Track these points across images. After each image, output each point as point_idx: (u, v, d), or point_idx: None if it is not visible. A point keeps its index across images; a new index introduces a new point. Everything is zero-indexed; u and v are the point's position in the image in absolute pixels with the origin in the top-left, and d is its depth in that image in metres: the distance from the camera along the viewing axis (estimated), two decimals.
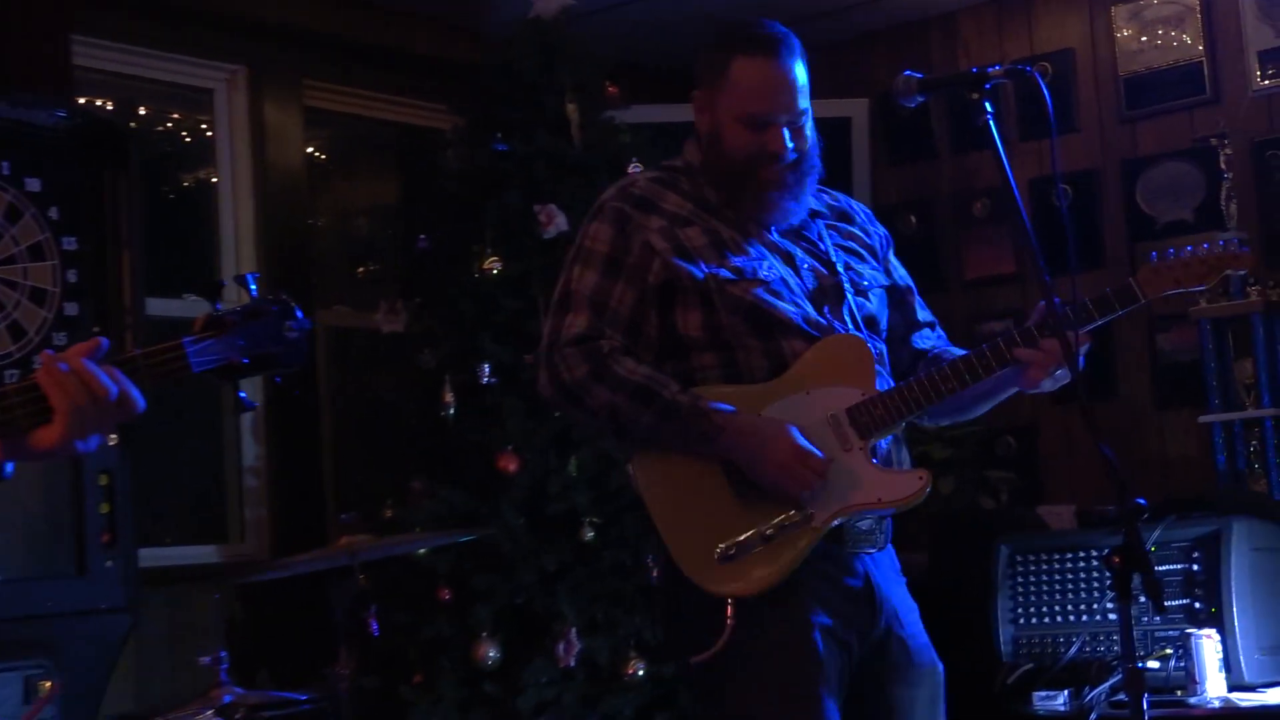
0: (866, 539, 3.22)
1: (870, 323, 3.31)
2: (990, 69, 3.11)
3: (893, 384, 3.25)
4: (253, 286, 2.40)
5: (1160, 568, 5.02)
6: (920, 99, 3.23)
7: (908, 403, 3.17)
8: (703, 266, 3.19)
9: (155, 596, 5.42)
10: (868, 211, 3.50)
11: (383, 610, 5.11)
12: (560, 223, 5.62)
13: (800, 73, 3.24)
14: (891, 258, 3.47)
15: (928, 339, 3.44)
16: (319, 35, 6.33)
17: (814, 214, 3.37)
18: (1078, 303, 3.17)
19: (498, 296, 5.61)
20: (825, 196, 3.43)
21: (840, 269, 3.31)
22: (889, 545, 3.30)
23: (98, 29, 5.70)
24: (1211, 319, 6.09)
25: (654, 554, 3.31)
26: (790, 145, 3.22)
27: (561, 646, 5.23)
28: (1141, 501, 2.82)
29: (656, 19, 6.81)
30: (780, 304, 3.18)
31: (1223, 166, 6.18)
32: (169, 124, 6.33)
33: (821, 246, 3.32)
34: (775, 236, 3.30)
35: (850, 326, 3.26)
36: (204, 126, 6.25)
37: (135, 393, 2.25)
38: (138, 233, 5.04)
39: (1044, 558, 5.36)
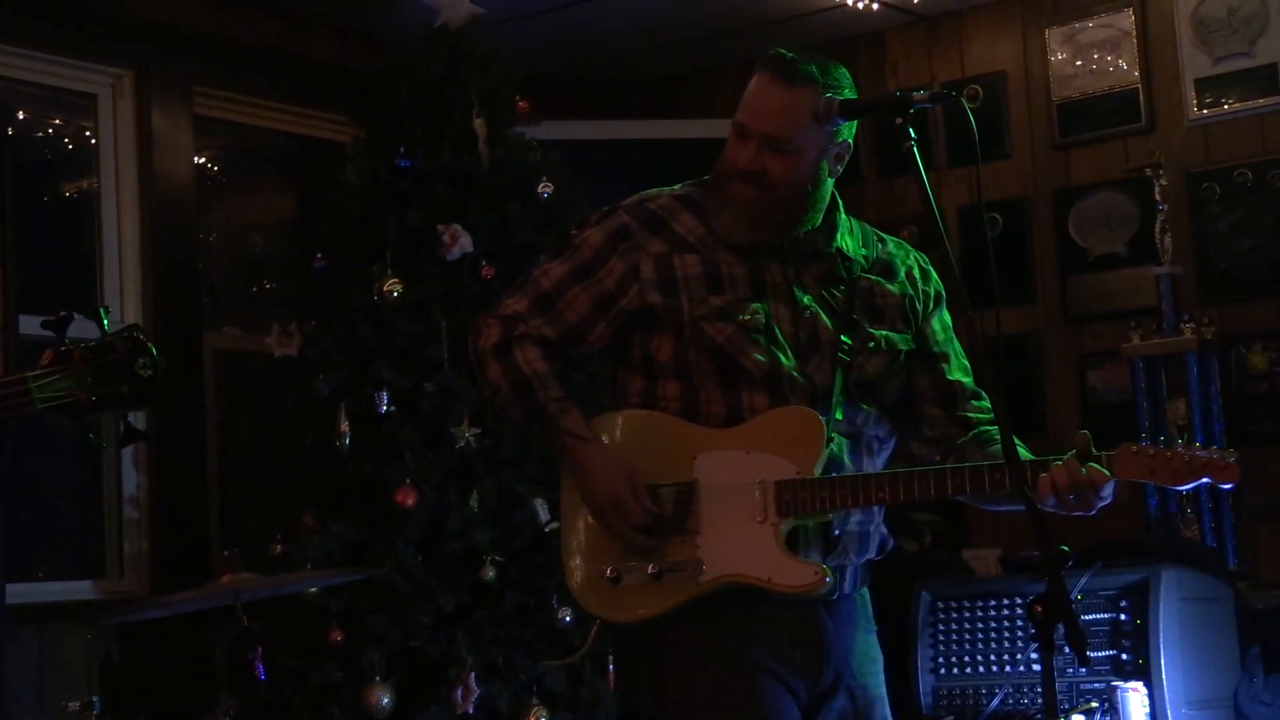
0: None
1: (863, 387, 3.30)
2: (915, 93, 3.13)
3: (857, 465, 3.27)
4: (105, 321, 2.39)
5: (1086, 617, 5.08)
6: (841, 123, 3.25)
7: (834, 497, 3.19)
8: (684, 300, 3.27)
9: (23, 635, 5.37)
10: (923, 265, 3.46)
11: (269, 653, 5.06)
12: (464, 243, 5.61)
13: (796, 102, 3.22)
14: (935, 319, 3.43)
15: (973, 408, 3.40)
16: (211, 39, 6.30)
17: (844, 257, 3.34)
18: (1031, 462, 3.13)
19: (397, 320, 5.59)
20: (881, 245, 3.43)
21: (844, 326, 3.30)
22: (856, 591, 3.33)
23: None
24: (1144, 357, 6.17)
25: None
26: (751, 161, 3.22)
27: (459, 693, 5.21)
28: (1065, 548, 2.84)
29: (570, 30, 6.83)
30: (752, 354, 3.23)
31: (1158, 198, 6.26)
32: (49, 130, 6.28)
33: (837, 297, 3.32)
34: (794, 272, 3.30)
35: (837, 386, 3.27)
36: (87, 133, 6.20)
37: None
38: (11, 245, 4.99)
39: (966, 604, 5.40)
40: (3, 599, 4.85)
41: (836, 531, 3.24)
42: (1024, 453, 3.15)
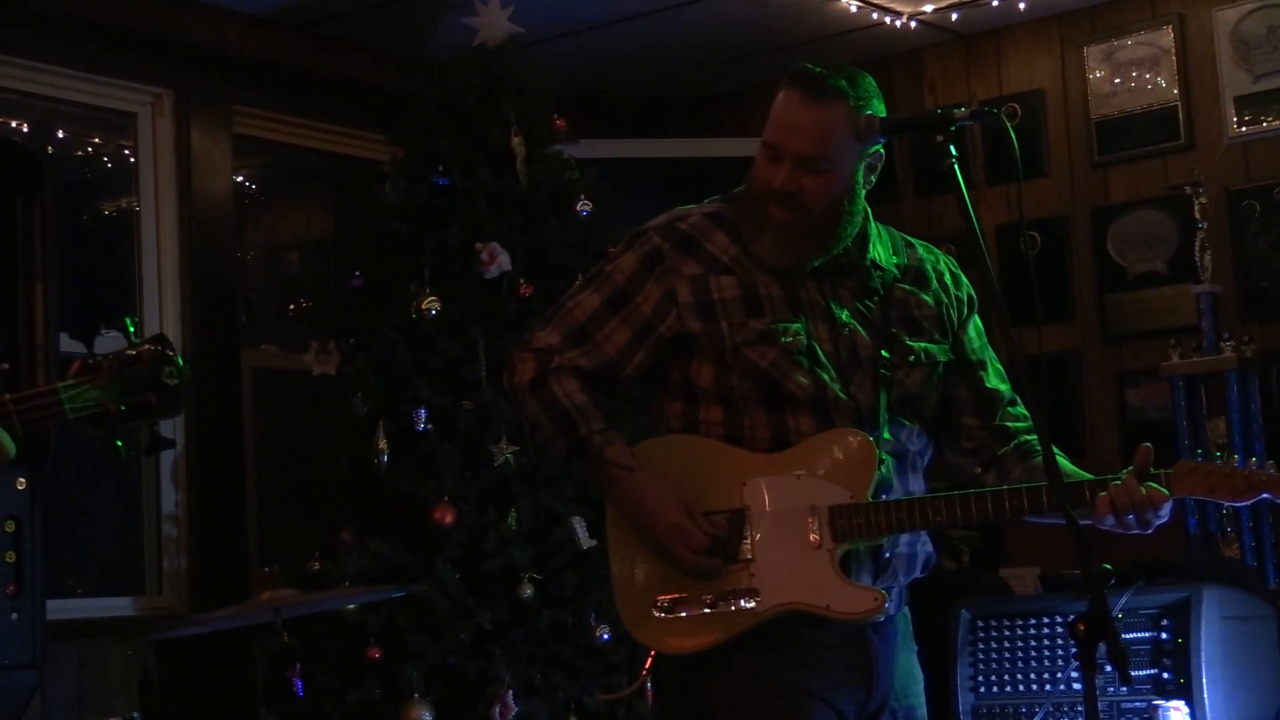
0: None
1: (905, 402, 3.28)
2: (956, 110, 3.12)
3: (905, 485, 3.25)
4: (130, 330, 2.41)
5: (1127, 636, 5.05)
6: (882, 140, 3.25)
7: (891, 522, 3.16)
8: (724, 325, 3.22)
9: (64, 652, 5.38)
10: (954, 270, 3.44)
11: (308, 670, 5.09)
12: (503, 261, 5.63)
13: (828, 119, 3.18)
14: (971, 325, 3.41)
15: (1010, 417, 3.39)
16: (250, 59, 6.33)
17: (879, 270, 3.31)
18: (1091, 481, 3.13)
19: (435, 339, 5.61)
20: (910, 251, 3.40)
21: (883, 341, 3.27)
22: (900, 611, 3.32)
23: (13, 47, 5.70)
24: (1184, 375, 6.15)
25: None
26: (786, 182, 3.18)
27: (497, 710, 5.22)
28: (1108, 566, 2.84)
29: (608, 49, 6.84)
30: (796, 376, 3.19)
31: (1197, 216, 6.24)
32: (89, 149, 6.31)
33: (874, 311, 3.29)
34: (829, 288, 3.27)
35: (882, 403, 3.24)
36: (126, 152, 6.23)
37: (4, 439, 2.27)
38: (52, 264, 5.01)
39: (1006, 623, 5.38)
40: (43, 615, 4.88)
41: (887, 555, 3.21)
42: (1068, 466, 3.14)
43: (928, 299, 3.35)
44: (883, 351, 3.26)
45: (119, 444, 2.56)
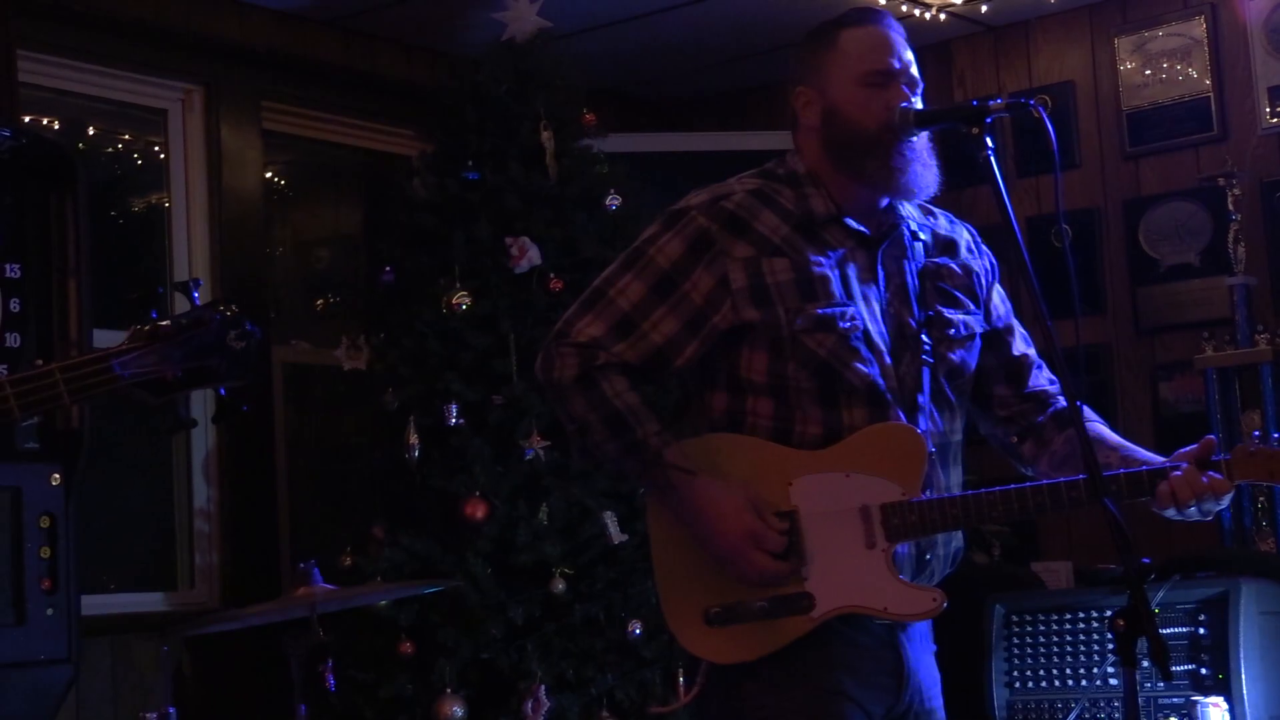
0: None
1: (951, 375, 3.23)
2: (991, 102, 3.10)
3: (946, 476, 3.21)
4: (195, 294, 2.34)
5: (1164, 631, 5.02)
6: (917, 133, 3.22)
7: (946, 519, 3.11)
8: (780, 311, 3.12)
9: (98, 647, 5.40)
10: (975, 236, 3.43)
11: (340, 665, 5.10)
12: (533, 256, 5.65)
13: (907, 42, 3.25)
14: (995, 292, 3.38)
15: (1039, 378, 3.36)
16: (279, 55, 6.33)
17: (914, 234, 3.29)
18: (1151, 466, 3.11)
19: (466, 333, 5.64)
20: (934, 221, 3.38)
21: (924, 316, 3.23)
22: None
23: (44, 44, 5.69)
24: (1218, 368, 6.12)
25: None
26: (909, 99, 3.18)
27: (529, 705, 5.22)
28: (1146, 561, 2.82)
29: (637, 43, 6.85)
30: (855, 363, 3.12)
31: (1230, 207, 6.21)
32: (119, 145, 6.33)
33: (915, 283, 3.24)
34: (879, 269, 3.21)
35: (925, 385, 3.18)
36: (156, 148, 6.24)
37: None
38: (85, 259, 5.02)
39: (1041, 618, 5.38)
40: (78, 611, 4.90)
41: (929, 556, 3.17)
42: (1117, 439, 3.15)
43: (957, 268, 3.32)
44: (925, 329, 3.21)
45: (179, 413, 2.46)
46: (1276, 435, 3.14)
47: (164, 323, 2.27)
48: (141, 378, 2.26)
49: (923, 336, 3.20)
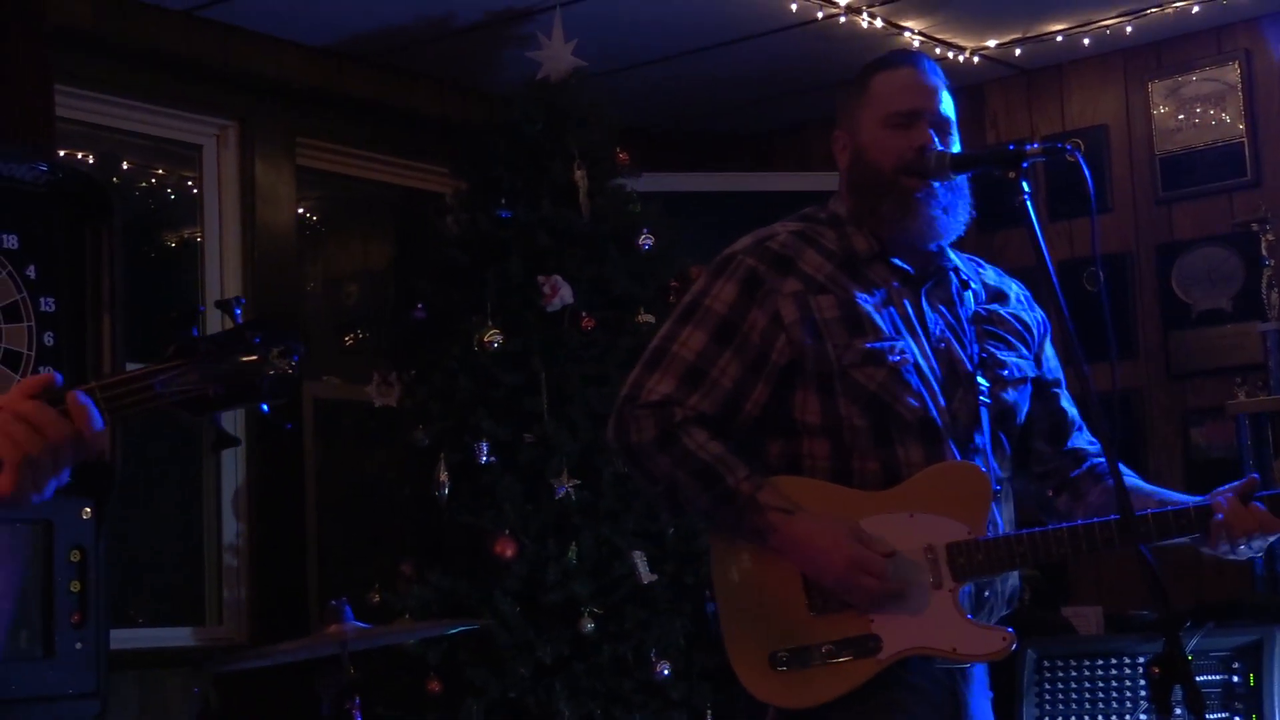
0: None
1: (1004, 417, 3.23)
2: (1028, 146, 3.10)
3: (1004, 516, 3.19)
4: (238, 311, 2.28)
5: (1198, 678, 5.00)
6: (952, 176, 3.21)
7: (1013, 556, 3.09)
8: (830, 346, 3.13)
9: (126, 681, 5.39)
10: (1026, 293, 3.43)
11: (368, 702, 5.09)
12: (565, 295, 5.65)
13: (942, 84, 3.26)
14: (1047, 347, 3.39)
15: (1079, 439, 3.36)
16: (314, 92, 6.37)
17: (964, 281, 3.30)
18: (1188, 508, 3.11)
19: (496, 371, 5.63)
20: (984, 273, 3.39)
21: (978, 355, 3.23)
22: None
23: (81, 79, 5.72)
24: (1250, 414, 6.10)
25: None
26: (931, 140, 3.18)
27: None
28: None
29: (671, 83, 6.86)
30: (906, 397, 3.12)
31: (1264, 253, 6.22)
32: (153, 180, 6.36)
33: (967, 328, 3.25)
34: (925, 307, 3.22)
35: (984, 423, 3.18)
36: (190, 184, 6.27)
37: (96, 426, 2.14)
38: (119, 294, 5.04)
39: (1073, 664, 5.34)
40: (106, 645, 4.90)
41: (987, 594, 3.15)
42: (1160, 491, 3.12)
43: (1009, 317, 3.33)
44: (980, 369, 3.21)
45: (219, 431, 2.35)
46: None
47: (205, 340, 2.21)
48: (182, 396, 2.19)
49: (978, 377, 3.20)
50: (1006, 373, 3.25)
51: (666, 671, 5.38)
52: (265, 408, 2.28)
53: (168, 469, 6.15)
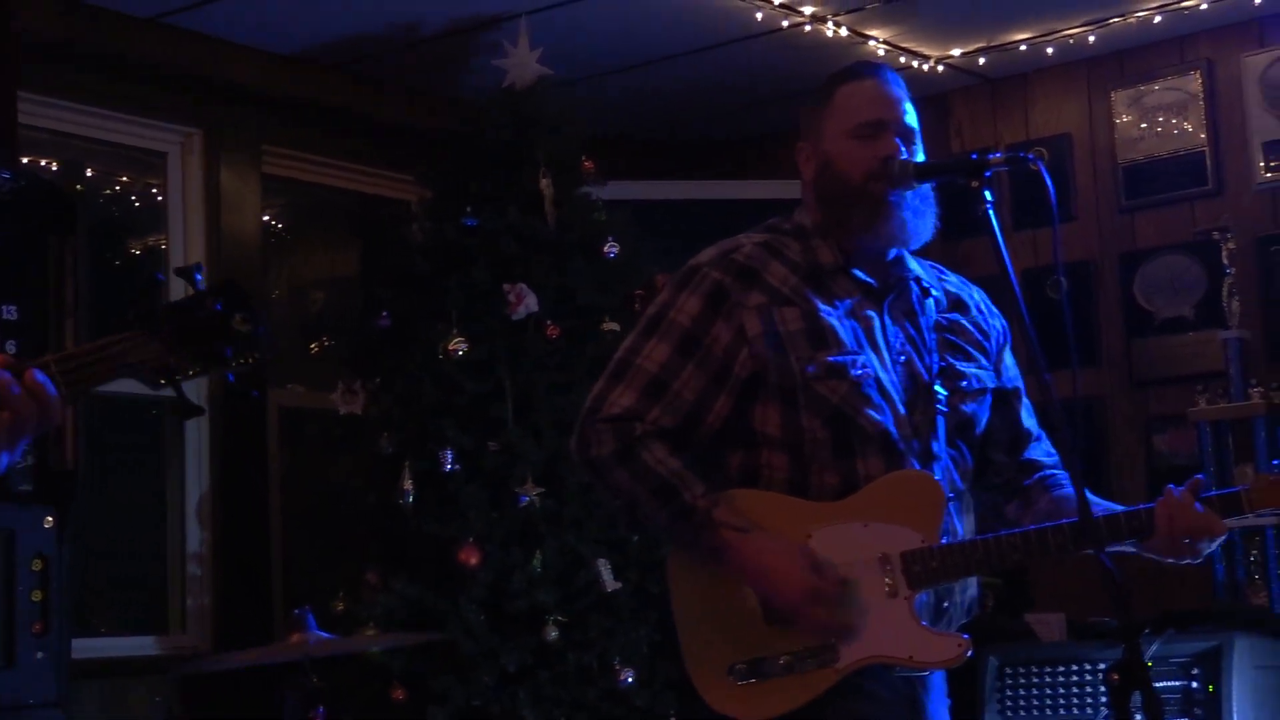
0: None
1: (963, 427, 3.23)
2: (991, 155, 3.08)
3: (962, 525, 3.19)
4: (198, 277, 2.26)
5: (1158, 684, 4.99)
6: (914, 185, 3.22)
7: (968, 563, 3.08)
8: (794, 359, 3.12)
9: (88, 690, 5.38)
10: (986, 300, 3.42)
11: (331, 711, 5.08)
12: (530, 303, 5.65)
13: (905, 95, 3.26)
14: (1006, 355, 3.38)
15: (1036, 450, 3.36)
16: (280, 99, 6.37)
17: (925, 290, 3.31)
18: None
19: (461, 379, 5.63)
20: (946, 280, 3.38)
21: (937, 366, 3.23)
22: None
23: (45, 85, 5.72)
24: (1211, 421, 6.14)
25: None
26: (896, 148, 3.19)
27: None
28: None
29: (637, 91, 6.88)
30: (867, 410, 3.11)
31: (1225, 262, 6.25)
32: (118, 187, 6.35)
33: (928, 338, 3.25)
34: (886, 319, 3.22)
35: (940, 433, 3.18)
36: (155, 191, 6.27)
37: (53, 400, 2.14)
38: (83, 301, 5.02)
39: (1035, 670, 5.37)
40: (68, 654, 4.88)
41: (946, 604, 3.14)
42: (1110, 505, 3.12)
43: (969, 327, 3.33)
44: (938, 379, 3.22)
45: (180, 398, 2.30)
46: None
47: (165, 308, 2.19)
48: (144, 365, 2.18)
49: (936, 387, 3.20)
50: (966, 384, 3.24)
51: (630, 679, 5.38)
52: (231, 376, 2.27)
53: (132, 477, 6.14)
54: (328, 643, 4.11)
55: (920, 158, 3.25)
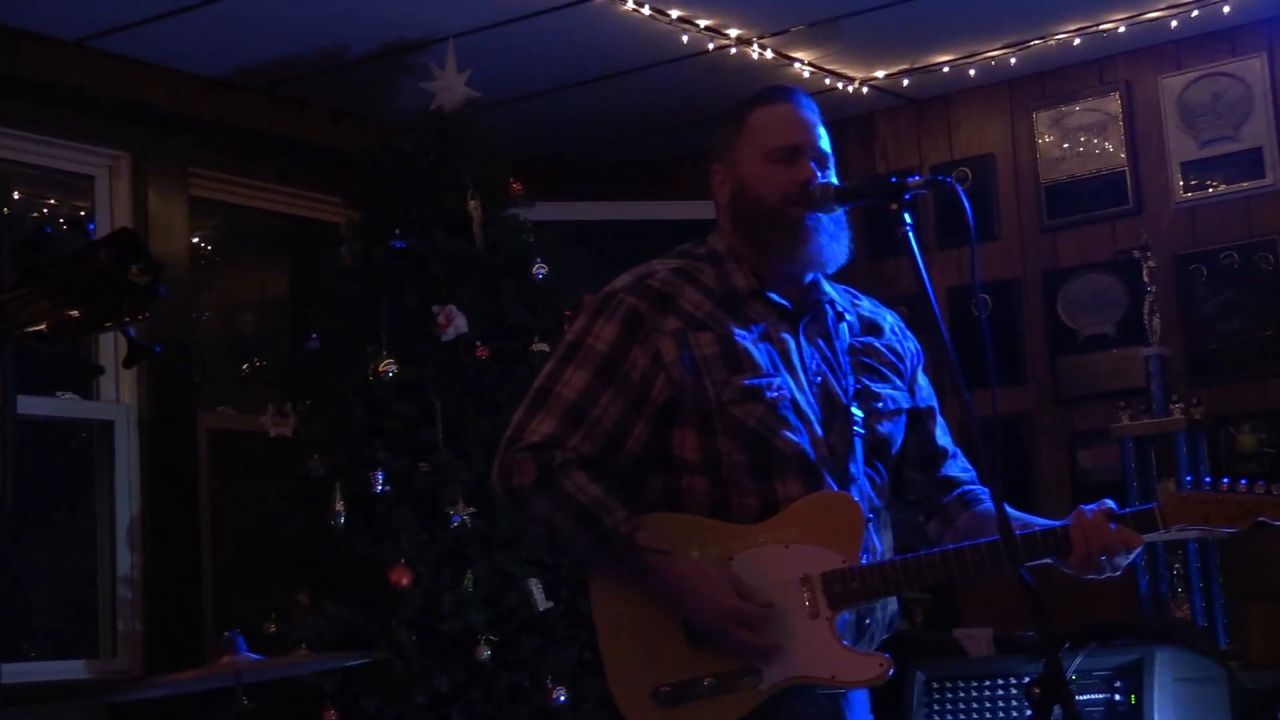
0: None
1: (878, 446, 3.26)
2: (910, 179, 3.12)
3: (881, 543, 3.20)
4: (91, 227, 2.17)
5: (1081, 698, 5.07)
6: (837, 209, 3.24)
7: (888, 583, 3.10)
8: (708, 384, 3.14)
9: (18, 716, 5.35)
10: (900, 323, 3.45)
11: None
12: (460, 324, 5.66)
13: (819, 119, 3.29)
14: (920, 376, 3.40)
15: (952, 467, 3.38)
16: (206, 122, 6.37)
17: (839, 314, 3.33)
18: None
19: (392, 401, 5.63)
20: (859, 304, 3.41)
21: (853, 388, 3.25)
22: None
23: None
24: (1134, 437, 6.22)
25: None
26: (813, 175, 3.21)
27: None
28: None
29: (563, 113, 6.92)
30: (783, 432, 3.13)
31: (1145, 280, 6.34)
32: (45, 210, 6.31)
33: (843, 360, 3.28)
34: (802, 341, 3.24)
35: (857, 453, 3.20)
36: (83, 214, 6.22)
37: None
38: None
39: (961, 685, 5.38)
40: None
41: (868, 620, 3.16)
42: (1033, 519, 3.15)
43: (883, 349, 3.35)
44: (855, 400, 3.24)
45: (131, 335, 2.15)
46: (1209, 480, 3.14)
47: (53, 263, 2.03)
48: (35, 325, 2.04)
49: (852, 409, 3.22)
50: (881, 405, 3.27)
51: (563, 698, 5.39)
52: (131, 331, 2.13)
53: (60, 500, 6.11)
54: (258, 664, 4.11)
55: (834, 181, 3.28)
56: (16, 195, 6.18)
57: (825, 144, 3.27)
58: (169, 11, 5.71)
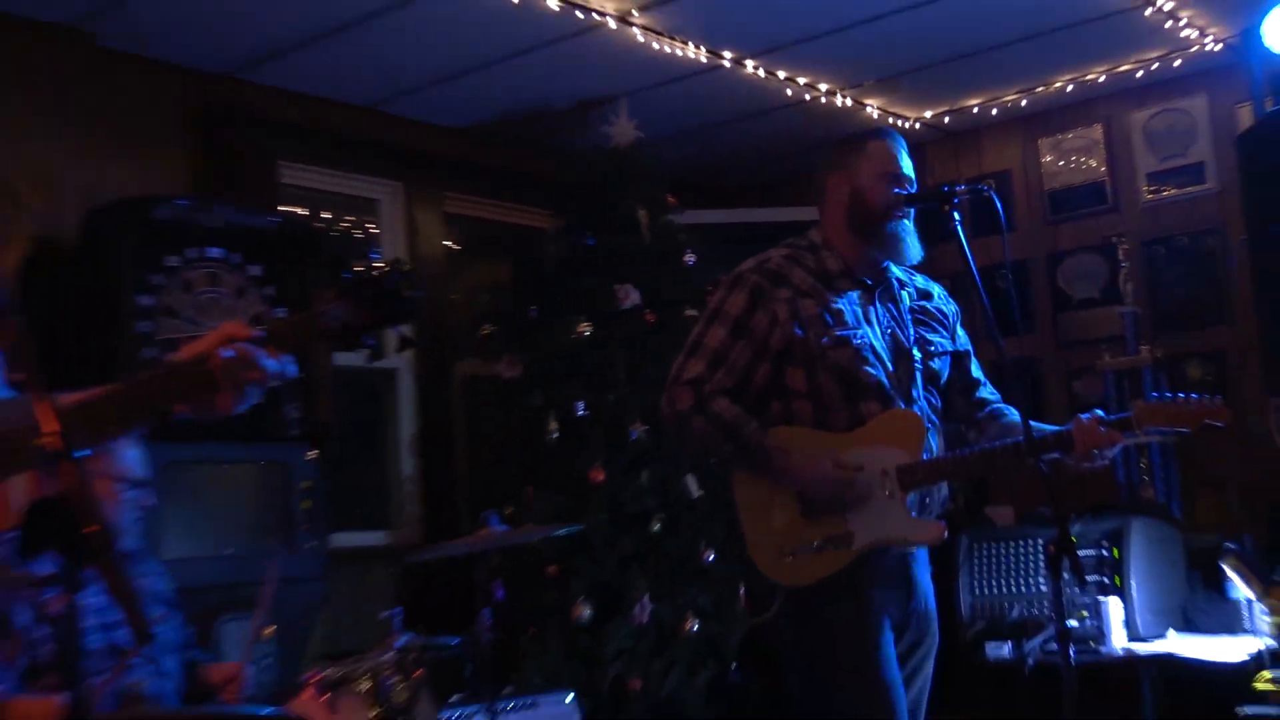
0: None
1: (932, 378, 3.24)
2: (957, 188, 3.16)
3: (936, 445, 3.19)
4: (374, 255, 2.19)
5: (1080, 553, 5.01)
6: (909, 212, 3.30)
7: (942, 473, 3.12)
8: (811, 336, 3.12)
9: (344, 568, 5.41)
10: (944, 292, 3.44)
11: (507, 581, 5.14)
12: (634, 298, 5.62)
13: (908, 153, 3.31)
14: (959, 329, 3.38)
15: (984, 391, 3.37)
16: (454, 160, 6.36)
17: (902, 284, 3.32)
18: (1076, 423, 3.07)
19: (587, 353, 5.59)
20: (915, 278, 3.39)
21: (913, 337, 3.24)
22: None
23: (297, 155, 5.77)
24: (1114, 370, 6.17)
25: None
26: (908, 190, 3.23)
27: (637, 610, 5.22)
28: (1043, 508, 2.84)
29: (705, 146, 6.88)
30: (866, 368, 3.11)
31: (1121, 258, 6.28)
32: (346, 224, 6.39)
33: (906, 318, 3.26)
34: (877, 305, 3.23)
35: (918, 383, 3.20)
36: (371, 227, 6.31)
37: (289, 367, 2.09)
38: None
39: (993, 545, 5.38)
40: (327, 544, 4.97)
41: (928, 500, 3.16)
42: (1044, 426, 3.11)
43: (933, 309, 3.35)
44: (915, 346, 3.23)
45: (372, 346, 2.18)
46: (1170, 394, 3.07)
47: (358, 279, 2.10)
48: (340, 322, 2.09)
49: (913, 351, 3.24)
50: (933, 348, 3.28)
51: (712, 558, 5.33)
52: (400, 329, 2.17)
53: (365, 425, 6.16)
54: (504, 535, 4.15)
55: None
56: (327, 215, 6.28)
57: (910, 169, 3.30)
58: (428, 83, 5.76)
